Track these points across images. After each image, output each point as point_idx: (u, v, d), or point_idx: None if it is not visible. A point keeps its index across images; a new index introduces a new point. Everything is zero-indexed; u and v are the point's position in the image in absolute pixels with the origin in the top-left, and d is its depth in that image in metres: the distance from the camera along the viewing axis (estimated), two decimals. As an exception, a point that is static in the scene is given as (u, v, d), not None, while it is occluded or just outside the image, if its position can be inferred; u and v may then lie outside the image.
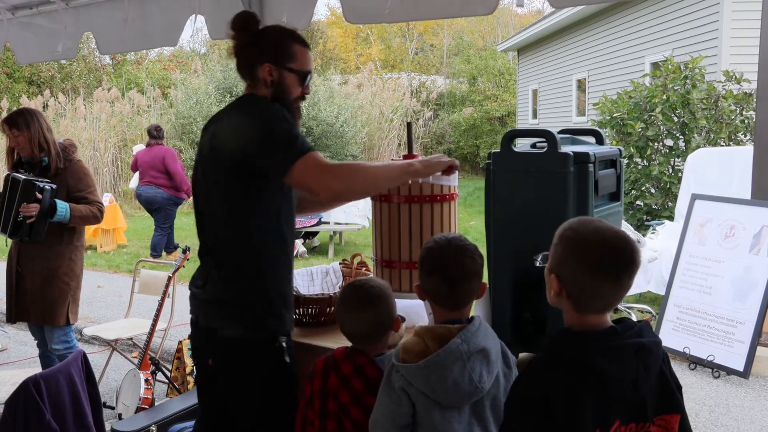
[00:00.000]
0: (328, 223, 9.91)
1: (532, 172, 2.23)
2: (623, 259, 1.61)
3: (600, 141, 2.58)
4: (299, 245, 9.93)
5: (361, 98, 19.58)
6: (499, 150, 2.30)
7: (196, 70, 19.47)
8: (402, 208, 2.62)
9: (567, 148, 2.25)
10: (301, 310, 2.82)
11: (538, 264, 1.82)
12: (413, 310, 2.81)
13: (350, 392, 2.16)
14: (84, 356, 2.94)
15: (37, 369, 3.95)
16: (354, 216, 9.70)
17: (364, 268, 3.24)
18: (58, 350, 4.13)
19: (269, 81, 2.39)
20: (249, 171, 2.26)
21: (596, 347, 1.61)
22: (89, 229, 10.40)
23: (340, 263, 3.32)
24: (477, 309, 2.55)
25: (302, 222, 9.57)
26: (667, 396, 1.70)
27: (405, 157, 2.71)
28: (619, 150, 2.49)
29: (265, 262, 2.36)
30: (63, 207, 3.90)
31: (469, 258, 2.03)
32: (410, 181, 2.57)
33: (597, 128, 2.61)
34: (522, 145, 2.49)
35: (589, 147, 2.41)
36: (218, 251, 2.39)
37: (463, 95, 24.63)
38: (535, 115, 19.59)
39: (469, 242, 2.07)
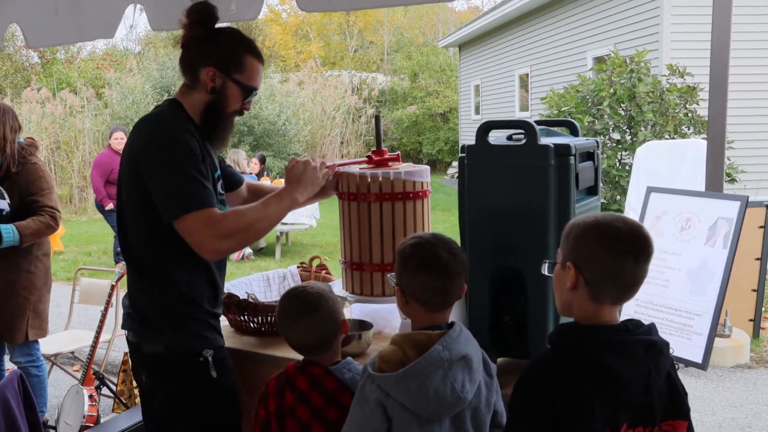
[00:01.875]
0: (274, 223, 9.65)
1: (510, 165, 2.08)
2: (640, 238, 1.58)
3: (575, 132, 2.46)
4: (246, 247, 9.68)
5: (303, 96, 19.36)
6: (473, 143, 2.14)
7: (131, 69, 18.91)
8: (373, 207, 2.45)
9: (545, 140, 2.11)
10: (259, 318, 2.63)
11: (545, 272, 1.72)
12: (380, 315, 2.65)
13: (309, 408, 2.00)
14: (21, 378, 2.68)
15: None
16: (301, 216, 9.48)
17: (324, 272, 3.07)
18: (19, 363, 3.88)
19: (210, 87, 2.21)
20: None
21: (606, 342, 1.55)
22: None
23: (298, 266, 3.14)
24: (453, 314, 2.40)
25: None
26: (675, 400, 1.64)
27: (374, 152, 2.56)
28: (596, 142, 2.36)
29: (183, 278, 2.19)
30: (8, 231, 3.55)
31: (458, 250, 1.90)
32: (380, 178, 2.41)
33: (573, 120, 2.47)
34: (497, 138, 2.34)
35: (566, 139, 2.28)
36: (137, 263, 2.23)
37: (405, 92, 24.59)
38: (477, 111, 19.64)
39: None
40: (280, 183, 2.36)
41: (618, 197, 8.12)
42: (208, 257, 2.13)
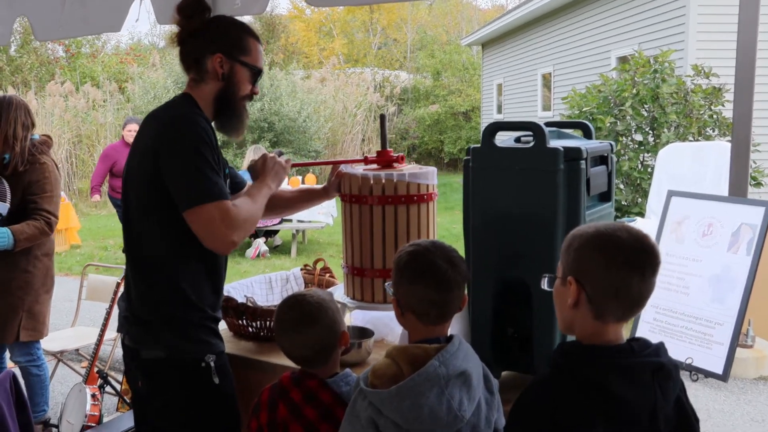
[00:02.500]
0: (290, 221, 9.59)
1: (516, 170, 1.97)
2: (646, 250, 1.46)
3: (588, 135, 2.33)
4: (261, 244, 9.63)
5: (324, 93, 19.25)
6: (479, 145, 2.04)
7: (154, 64, 18.94)
8: (375, 210, 2.35)
9: (555, 143, 2.00)
10: (258, 323, 2.54)
11: (545, 287, 1.61)
12: (382, 322, 2.55)
13: (303, 423, 1.91)
14: (13, 378, 2.61)
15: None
16: (317, 214, 9.38)
17: (327, 275, 2.97)
18: (19, 362, 3.83)
19: (220, 73, 2.18)
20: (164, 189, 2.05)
21: (610, 364, 1.43)
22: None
23: (301, 269, 3.05)
24: (454, 325, 2.29)
25: (264, 221, 9.28)
26: (685, 427, 1.52)
27: (378, 153, 2.47)
28: (611, 145, 2.24)
29: (189, 281, 2.12)
30: (3, 235, 3.48)
31: (459, 259, 1.80)
32: (383, 180, 2.32)
33: (586, 122, 2.35)
34: (505, 139, 2.23)
35: (578, 141, 2.17)
36: (142, 264, 2.16)
37: (427, 90, 24.43)
38: (499, 110, 19.46)
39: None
40: (297, 182, 2.30)
41: (639, 200, 7.94)
42: (220, 249, 2.08)
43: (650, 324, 5.28)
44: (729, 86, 7.04)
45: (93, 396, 3.93)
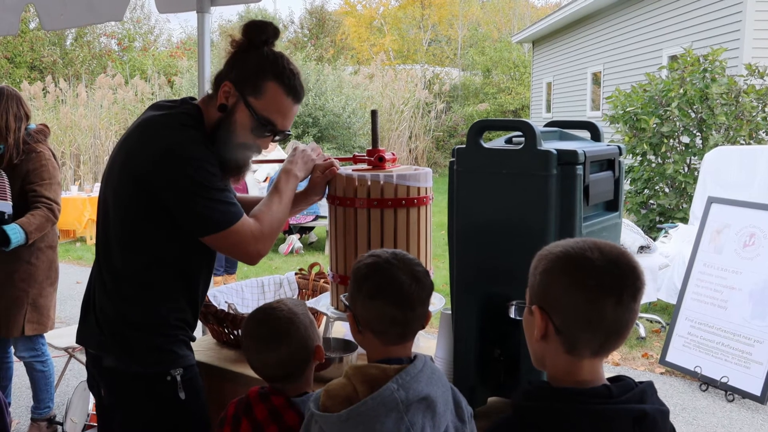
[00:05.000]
0: (325, 218, 9.48)
1: (504, 174, 1.77)
2: (622, 270, 1.24)
3: (596, 136, 2.11)
4: (295, 241, 9.55)
5: (372, 89, 19.13)
6: (463, 146, 1.84)
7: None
8: (359, 214, 2.17)
9: (551, 145, 1.79)
10: (238, 331, 2.39)
11: (512, 315, 1.43)
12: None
13: None
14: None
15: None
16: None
17: (322, 280, 2.80)
18: (23, 358, 3.77)
19: (220, 103, 1.95)
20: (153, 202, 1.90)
21: (582, 411, 1.21)
22: (81, 220, 10.03)
23: (296, 273, 2.88)
24: (437, 345, 2.10)
25: (298, 218, 9.21)
26: None
27: (369, 152, 2.28)
28: (619, 148, 2.02)
29: (166, 289, 1.98)
30: (15, 232, 3.40)
31: (423, 274, 1.61)
32: (369, 182, 2.14)
33: (593, 121, 2.13)
34: (498, 140, 2.03)
35: (579, 144, 1.95)
36: (109, 271, 1.99)
37: (477, 88, 24.14)
38: (549, 109, 19.08)
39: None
40: None
41: (684, 205, 7.59)
42: (249, 263, 2.00)
43: (684, 338, 4.99)
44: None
45: (96, 395, 3.85)
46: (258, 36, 1.96)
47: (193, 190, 1.85)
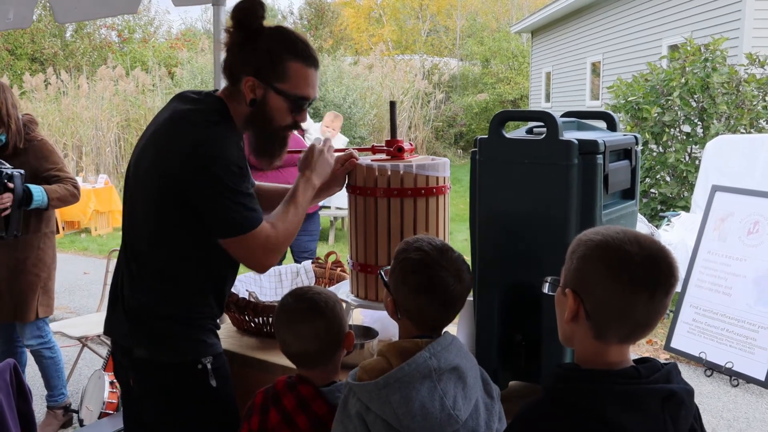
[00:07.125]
0: (329, 207, 9.52)
1: (526, 163, 1.82)
2: (660, 267, 1.26)
3: (612, 126, 2.16)
4: (299, 231, 9.57)
5: (371, 79, 19.13)
6: (486, 136, 1.89)
7: (203, 49, 19.04)
8: (380, 203, 2.22)
9: (571, 135, 1.84)
10: (259, 319, 2.44)
11: (546, 291, 1.45)
12: (390, 322, 2.42)
13: (294, 431, 1.79)
14: (14, 367, 2.56)
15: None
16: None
17: (339, 269, 2.86)
18: (31, 346, 3.83)
19: (249, 98, 1.96)
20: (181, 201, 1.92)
21: (612, 392, 1.25)
22: (86, 212, 10.04)
23: (312, 262, 2.94)
24: (458, 331, 2.16)
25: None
26: None
27: (387, 143, 2.33)
28: (635, 137, 2.07)
29: (194, 280, 2.01)
30: (38, 192, 3.49)
31: (465, 272, 1.68)
32: (389, 171, 2.19)
33: (609, 111, 2.18)
34: (519, 130, 2.08)
35: (598, 134, 2.00)
36: (138, 261, 2.02)
37: (476, 78, 24.14)
38: (548, 99, 19.09)
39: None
40: None
41: (685, 194, 7.64)
42: (258, 271, 2.08)
43: (689, 324, 5.06)
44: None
45: (111, 383, 3.90)
46: (253, 20, 1.95)
47: (219, 190, 1.87)
